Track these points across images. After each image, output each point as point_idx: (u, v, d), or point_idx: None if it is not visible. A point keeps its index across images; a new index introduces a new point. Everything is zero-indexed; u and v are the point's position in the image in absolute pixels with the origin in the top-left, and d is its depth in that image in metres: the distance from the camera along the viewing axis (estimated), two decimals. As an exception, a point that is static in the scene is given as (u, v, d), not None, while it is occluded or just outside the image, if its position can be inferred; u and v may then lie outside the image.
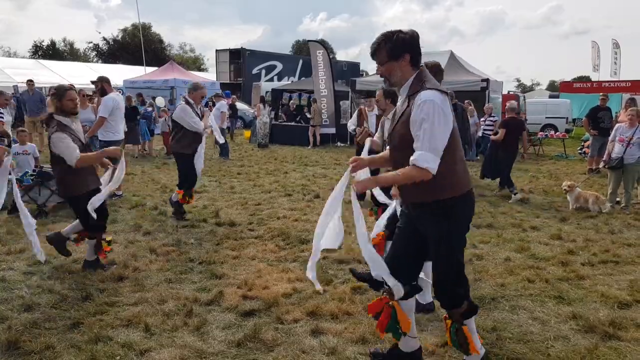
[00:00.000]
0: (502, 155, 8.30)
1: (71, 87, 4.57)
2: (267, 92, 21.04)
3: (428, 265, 3.82)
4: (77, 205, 4.47)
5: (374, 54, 2.58)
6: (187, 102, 6.21)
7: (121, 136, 7.40)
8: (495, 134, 8.66)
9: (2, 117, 7.60)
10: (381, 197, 4.14)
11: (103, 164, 4.74)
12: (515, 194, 8.01)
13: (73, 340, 3.25)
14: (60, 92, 4.42)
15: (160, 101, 14.88)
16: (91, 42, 53.87)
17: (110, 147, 4.76)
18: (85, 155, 4.33)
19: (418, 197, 2.64)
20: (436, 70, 3.64)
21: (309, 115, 16.95)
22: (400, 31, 2.51)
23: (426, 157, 2.40)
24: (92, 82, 7.52)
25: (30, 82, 13.30)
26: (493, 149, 8.64)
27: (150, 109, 14.27)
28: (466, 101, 12.70)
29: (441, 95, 2.44)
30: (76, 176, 4.36)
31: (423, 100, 2.41)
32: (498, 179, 8.70)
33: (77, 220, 4.61)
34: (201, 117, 6.25)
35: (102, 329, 3.38)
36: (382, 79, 2.68)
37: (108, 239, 4.68)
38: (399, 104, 2.68)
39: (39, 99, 13.17)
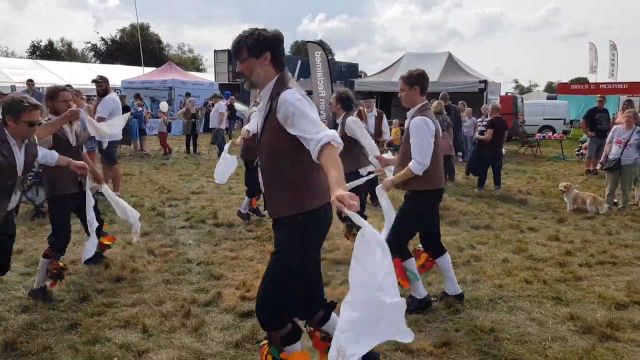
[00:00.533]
0: (487, 152, 8.80)
1: (65, 88, 4.37)
2: (265, 92, 20.97)
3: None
4: (53, 210, 4.15)
5: (236, 52, 2.42)
6: None
7: (119, 137, 7.40)
8: (481, 133, 9.28)
9: None
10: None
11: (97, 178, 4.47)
12: (478, 190, 8.67)
13: (70, 341, 3.24)
14: (53, 93, 4.21)
15: (164, 106, 14.95)
16: (89, 43, 53.77)
17: (78, 163, 3.96)
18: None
19: (281, 209, 2.42)
20: (420, 77, 3.62)
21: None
22: (264, 29, 2.41)
23: (324, 133, 2.18)
24: (94, 82, 7.45)
25: (30, 82, 13.31)
26: (479, 147, 9.17)
27: (140, 108, 14.26)
28: (460, 102, 12.77)
29: (303, 91, 2.37)
30: (56, 176, 4.01)
31: (285, 97, 2.28)
32: (495, 181, 8.83)
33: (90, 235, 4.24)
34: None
35: (99, 330, 3.37)
36: (243, 77, 2.51)
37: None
38: (260, 106, 2.50)
39: (38, 99, 13.14)
